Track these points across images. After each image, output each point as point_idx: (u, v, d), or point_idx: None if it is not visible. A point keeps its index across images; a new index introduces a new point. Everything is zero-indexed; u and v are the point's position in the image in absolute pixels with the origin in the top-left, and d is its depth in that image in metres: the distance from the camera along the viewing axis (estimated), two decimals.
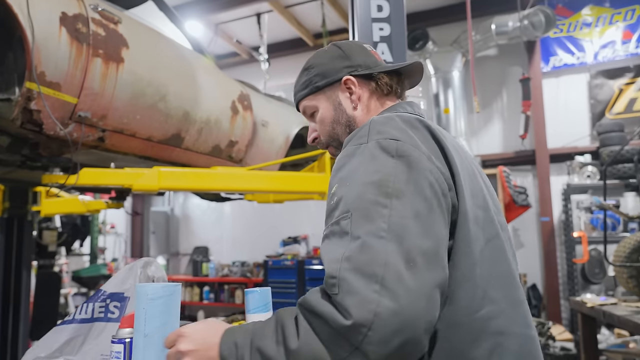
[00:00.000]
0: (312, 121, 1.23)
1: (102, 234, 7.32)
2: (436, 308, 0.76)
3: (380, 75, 1.17)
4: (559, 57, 6.41)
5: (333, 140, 1.20)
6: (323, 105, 1.19)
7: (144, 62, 2.48)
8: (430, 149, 0.92)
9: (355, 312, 0.71)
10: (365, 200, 0.81)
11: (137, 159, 2.73)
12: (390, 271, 0.73)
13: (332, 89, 1.18)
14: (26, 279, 3.95)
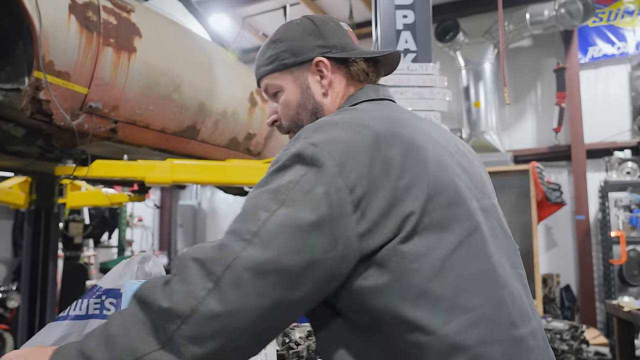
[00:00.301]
0: (273, 101, 1.09)
1: (130, 226, 7.42)
2: (270, 324, 0.75)
3: (357, 60, 1.04)
4: (598, 48, 6.10)
5: (296, 126, 1.05)
6: (289, 87, 1.06)
7: (158, 51, 2.42)
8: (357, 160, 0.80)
9: (176, 300, 0.70)
10: (253, 203, 0.78)
11: (151, 151, 2.69)
12: (231, 275, 0.71)
13: (301, 69, 1.05)
14: (53, 269, 4.01)
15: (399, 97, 2.91)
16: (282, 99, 1.06)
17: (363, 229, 0.78)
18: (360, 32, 7.19)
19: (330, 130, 0.84)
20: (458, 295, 0.80)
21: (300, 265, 0.73)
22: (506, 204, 1.13)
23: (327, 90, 1.04)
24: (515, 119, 6.47)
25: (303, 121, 1.04)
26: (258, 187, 0.81)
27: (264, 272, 0.71)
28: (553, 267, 6.08)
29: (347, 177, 0.78)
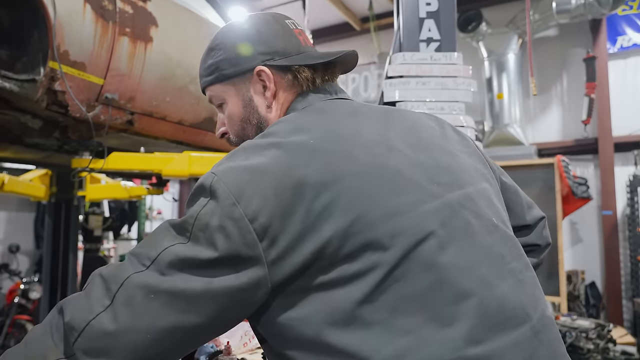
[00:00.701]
0: (220, 112, 1.01)
1: (149, 219, 7.46)
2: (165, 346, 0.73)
3: (301, 69, 0.94)
4: (628, 37, 5.88)
5: (241, 138, 0.97)
6: (232, 100, 0.97)
7: (174, 42, 2.38)
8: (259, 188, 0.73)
9: (75, 314, 0.72)
10: (161, 233, 0.77)
11: (168, 144, 2.66)
12: (123, 293, 0.72)
13: (242, 80, 0.95)
14: (73, 261, 4.04)
15: (422, 88, 2.82)
16: (226, 112, 0.98)
17: (274, 256, 0.72)
18: (380, 23, 7.07)
19: (237, 156, 0.78)
20: (395, 318, 0.71)
21: (195, 291, 0.71)
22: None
23: (270, 102, 0.95)
24: (539, 111, 6.30)
25: (249, 136, 0.95)
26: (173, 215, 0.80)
27: (155, 292, 0.71)
28: (578, 264, 5.91)
29: (246, 206, 0.72)
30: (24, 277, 5.16)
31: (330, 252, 0.72)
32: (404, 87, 2.83)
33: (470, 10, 6.06)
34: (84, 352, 0.71)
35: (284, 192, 0.72)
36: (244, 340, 1.80)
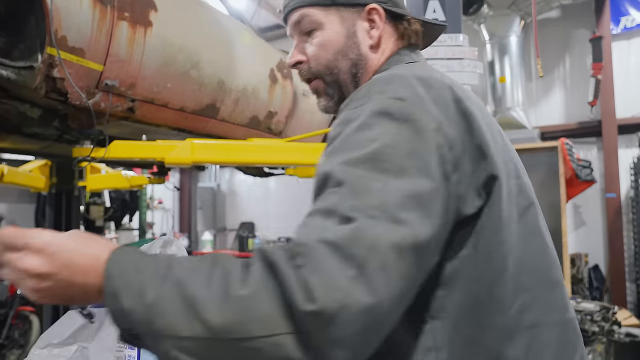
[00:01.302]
0: (301, 40, 0.93)
1: (150, 209, 7.43)
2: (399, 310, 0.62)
3: (412, 21, 0.92)
4: (631, 17, 5.80)
5: (328, 73, 0.91)
6: (333, 27, 0.89)
7: (174, 26, 2.32)
8: (448, 115, 0.71)
9: (322, 298, 0.54)
10: (355, 175, 0.63)
11: (170, 131, 2.61)
12: (375, 257, 0.57)
13: (351, 11, 0.89)
14: None
15: None
16: (319, 38, 0.90)
17: (461, 191, 0.69)
18: None
19: (405, 83, 0.72)
20: (521, 273, 0.74)
21: (429, 236, 0.62)
22: (533, 182, 1.06)
23: (375, 42, 0.90)
24: (542, 94, 6.24)
25: (339, 70, 0.90)
26: (340, 152, 0.67)
27: (404, 250, 0.59)
28: (581, 247, 5.91)
29: (446, 134, 0.68)
30: None
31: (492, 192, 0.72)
32: None
33: None
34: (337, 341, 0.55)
35: (462, 124, 0.71)
36: None
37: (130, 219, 6.78)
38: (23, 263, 0.61)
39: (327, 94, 0.93)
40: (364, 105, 0.71)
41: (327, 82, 0.92)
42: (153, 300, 0.57)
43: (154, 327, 0.57)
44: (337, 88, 0.92)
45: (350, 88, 0.91)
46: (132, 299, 0.58)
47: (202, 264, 0.60)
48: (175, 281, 0.58)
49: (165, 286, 0.57)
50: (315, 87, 0.94)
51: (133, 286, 0.58)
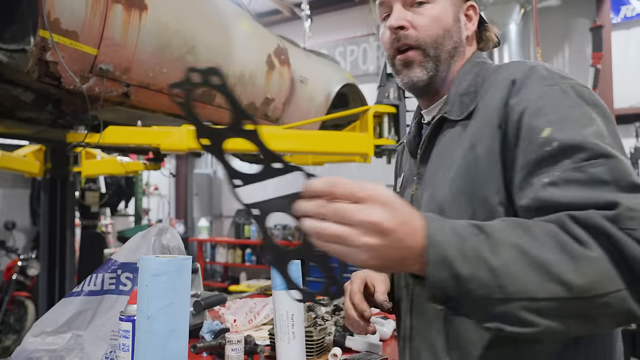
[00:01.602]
0: (406, 8, 0.94)
1: (146, 195, 7.40)
2: None
3: (490, 26, 1.02)
4: (632, 7, 5.74)
5: (434, 46, 0.92)
6: (444, 6, 0.94)
7: (170, 10, 2.28)
8: None
9: None
10: (610, 146, 0.70)
11: (166, 117, 2.58)
12: None
13: (459, 1, 0.96)
14: (70, 238, 4.00)
15: None
16: (433, 12, 0.93)
17: None
18: None
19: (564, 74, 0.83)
20: None
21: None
22: None
23: (471, 34, 0.99)
24: None
25: (443, 47, 0.93)
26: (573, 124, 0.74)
27: None
28: None
29: None
30: (21, 254, 5.12)
31: None
32: None
33: None
34: None
35: None
36: (249, 317, 1.77)
37: (125, 205, 6.76)
38: (369, 215, 0.57)
39: (422, 66, 0.94)
40: (560, 86, 0.78)
41: (428, 55, 0.93)
42: (499, 265, 0.60)
43: (504, 291, 0.60)
44: (435, 62, 0.93)
45: (444, 66, 0.94)
46: (471, 265, 0.60)
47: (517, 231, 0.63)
48: (513, 246, 0.61)
49: (503, 252, 0.61)
50: (411, 57, 0.94)
51: (468, 253, 0.61)
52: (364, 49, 7.20)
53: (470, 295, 0.61)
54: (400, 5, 0.94)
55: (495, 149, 0.80)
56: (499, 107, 0.81)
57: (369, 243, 0.57)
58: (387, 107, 2.82)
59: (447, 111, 0.91)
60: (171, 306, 0.97)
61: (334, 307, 1.73)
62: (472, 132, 0.85)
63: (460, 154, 0.85)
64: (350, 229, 0.57)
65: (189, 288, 1.03)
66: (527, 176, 0.74)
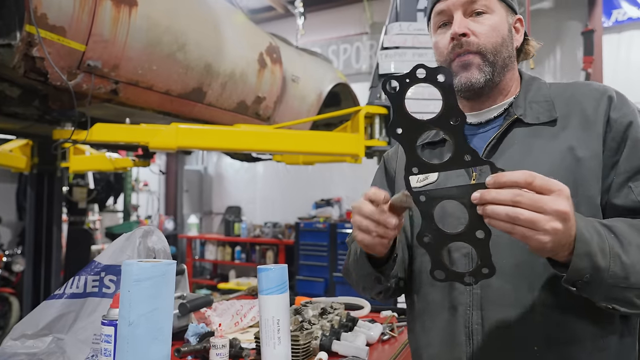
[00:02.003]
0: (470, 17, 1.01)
1: (135, 191, 7.34)
2: None
3: (530, 39, 1.08)
4: (623, 11, 5.78)
5: (493, 53, 0.99)
6: (501, 16, 1.01)
7: (160, 6, 2.25)
8: None
9: None
10: None
11: (155, 115, 2.55)
12: None
13: (510, 12, 1.03)
14: (57, 234, 3.95)
15: (418, 59, 2.73)
16: (492, 21, 1.00)
17: None
18: None
19: None
20: None
21: None
22: None
23: (518, 46, 1.05)
24: None
25: (500, 54, 1.00)
26: None
27: None
28: None
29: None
30: (7, 250, 5.05)
31: None
32: (400, 58, 2.74)
33: None
34: None
35: None
36: (235, 320, 1.75)
37: (114, 201, 6.70)
38: (560, 205, 0.70)
39: (481, 69, 1.01)
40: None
41: (487, 60, 1.00)
42: (629, 262, 0.77)
43: (628, 282, 0.77)
44: (492, 68, 1.00)
45: (498, 73, 1.01)
46: (608, 259, 0.76)
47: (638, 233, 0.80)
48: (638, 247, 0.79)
49: (632, 251, 0.78)
50: (470, 60, 1.00)
51: (606, 250, 0.76)
52: (357, 47, 7.18)
53: (601, 282, 0.76)
54: (461, 13, 1.01)
55: (599, 153, 0.91)
56: (601, 118, 0.93)
57: (556, 227, 0.70)
58: (378, 108, 2.81)
59: (522, 114, 0.98)
60: (154, 312, 0.95)
61: (321, 310, 1.72)
62: (569, 136, 0.94)
63: (556, 155, 0.93)
64: (542, 216, 0.69)
65: (173, 293, 1.01)
66: (626, 180, 0.89)
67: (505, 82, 1.04)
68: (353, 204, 0.90)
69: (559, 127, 0.96)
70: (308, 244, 6.14)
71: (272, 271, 1.17)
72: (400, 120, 0.80)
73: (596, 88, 0.98)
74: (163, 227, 8.03)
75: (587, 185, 0.91)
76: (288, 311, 1.24)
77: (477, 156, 0.76)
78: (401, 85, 0.79)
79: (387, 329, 1.67)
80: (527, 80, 1.06)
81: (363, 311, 1.91)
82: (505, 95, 1.05)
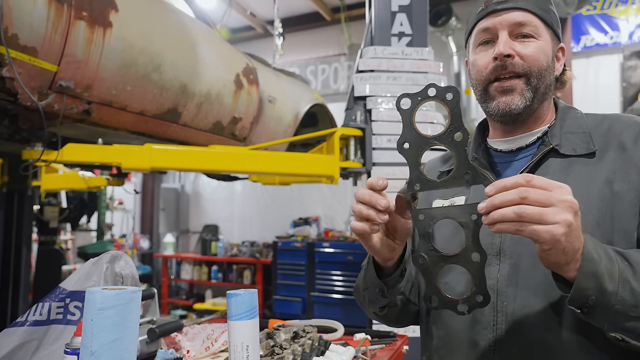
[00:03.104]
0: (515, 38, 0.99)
1: (110, 209, 7.22)
2: None
3: (568, 70, 1.08)
4: (591, 37, 6.00)
5: (537, 77, 0.98)
6: (547, 41, 1.00)
7: (136, 28, 2.25)
8: None
9: None
10: None
11: (129, 135, 2.53)
12: None
13: (554, 39, 1.02)
14: (26, 255, 3.85)
15: (392, 83, 2.78)
16: (538, 44, 0.98)
17: None
18: (351, 13, 7.01)
19: None
20: None
21: None
22: None
23: (558, 75, 1.03)
24: None
25: (544, 79, 0.98)
26: None
27: None
28: None
29: None
30: None
31: None
32: (374, 81, 2.78)
33: (441, 4, 6.06)
34: None
35: None
36: (206, 344, 1.73)
37: (88, 219, 6.57)
38: (564, 196, 0.70)
39: (522, 95, 0.98)
40: None
41: (529, 84, 0.98)
42: (637, 288, 0.74)
43: (639, 310, 0.73)
44: (533, 92, 0.98)
45: (538, 100, 0.99)
46: (616, 284, 0.73)
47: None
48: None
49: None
50: (514, 84, 0.98)
51: (615, 274, 0.74)
52: (335, 68, 7.27)
53: (608, 307, 0.73)
54: (507, 34, 0.98)
55: (638, 187, 0.88)
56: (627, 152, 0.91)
57: (568, 218, 0.69)
58: (353, 130, 2.84)
59: (558, 144, 0.96)
60: (117, 341, 0.94)
61: (293, 334, 1.71)
62: (606, 169, 0.92)
63: (593, 188, 0.91)
64: (550, 208, 0.69)
65: (137, 321, 1.00)
66: None
67: (542, 110, 1.02)
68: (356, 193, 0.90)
69: (596, 160, 0.93)
70: (286, 263, 6.11)
71: (242, 296, 1.16)
72: (408, 135, 0.84)
73: (636, 120, 0.96)
74: (138, 245, 7.90)
75: (624, 220, 0.87)
76: (257, 336, 1.23)
77: (477, 174, 0.78)
78: (412, 102, 0.84)
79: (360, 353, 1.67)
80: (562, 109, 1.03)
81: (336, 334, 1.89)
82: (540, 123, 1.02)
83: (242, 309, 1.15)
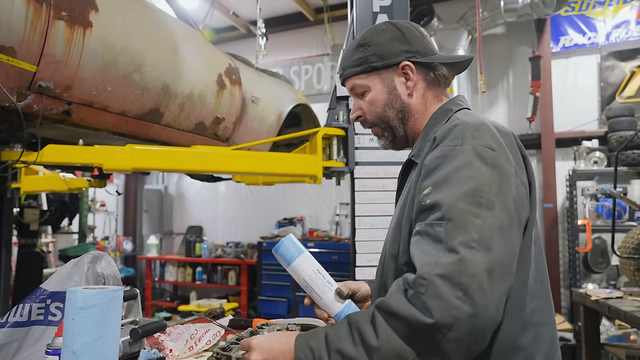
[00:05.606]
0: (357, 99, 1.22)
1: (92, 211, 7.13)
2: (501, 310, 0.87)
3: (439, 67, 1.17)
4: (569, 37, 6.11)
5: (382, 122, 1.19)
6: (376, 87, 1.18)
7: (116, 27, 2.23)
8: (516, 160, 0.99)
9: (438, 315, 0.81)
10: (459, 210, 0.88)
11: (111, 135, 2.51)
12: (475, 282, 0.82)
13: (388, 71, 1.16)
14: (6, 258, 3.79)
15: None
16: (368, 97, 1.18)
17: (527, 216, 0.98)
18: (334, 14, 7.03)
19: (490, 133, 0.98)
20: (534, 284, 1.01)
21: (510, 258, 0.89)
22: None
23: (411, 91, 1.16)
24: (487, 106, 6.47)
25: (389, 118, 1.18)
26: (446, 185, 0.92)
27: (493, 272, 0.84)
28: None
29: (521, 175, 0.98)
30: None
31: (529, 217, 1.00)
32: None
33: (423, 5, 6.12)
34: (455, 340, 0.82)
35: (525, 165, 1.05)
36: (189, 344, 1.73)
37: (69, 222, 6.48)
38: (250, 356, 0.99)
39: (383, 136, 1.22)
40: (462, 147, 0.95)
41: (382, 128, 1.20)
42: None
43: None
44: (390, 131, 1.20)
45: (400, 129, 1.19)
46: None
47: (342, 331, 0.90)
48: (336, 350, 0.89)
49: (332, 355, 0.89)
50: (375, 132, 1.23)
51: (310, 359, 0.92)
52: (319, 68, 7.29)
53: None
54: (354, 98, 1.23)
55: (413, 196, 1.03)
56: (422, 161, 1.03)
57: None
58: (336, 130, 2.86)
59: (414, 155, 1.15)
60: (98, 340, 0.94)
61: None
62: (411, 178, 1.08)
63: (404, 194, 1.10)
64: None
65: (119, 320, 1.00)
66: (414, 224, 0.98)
67: (416, 127, 1.18)
68: None
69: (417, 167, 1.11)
70: (271, 263, 6.11)
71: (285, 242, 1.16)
72: None
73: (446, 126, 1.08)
74: (121, 248, 7.82)
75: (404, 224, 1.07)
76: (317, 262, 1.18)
77: None
78: None
79: None
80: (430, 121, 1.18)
81: None
82: (414, 139, 1.21)
83: (292, 249, 1.16)
